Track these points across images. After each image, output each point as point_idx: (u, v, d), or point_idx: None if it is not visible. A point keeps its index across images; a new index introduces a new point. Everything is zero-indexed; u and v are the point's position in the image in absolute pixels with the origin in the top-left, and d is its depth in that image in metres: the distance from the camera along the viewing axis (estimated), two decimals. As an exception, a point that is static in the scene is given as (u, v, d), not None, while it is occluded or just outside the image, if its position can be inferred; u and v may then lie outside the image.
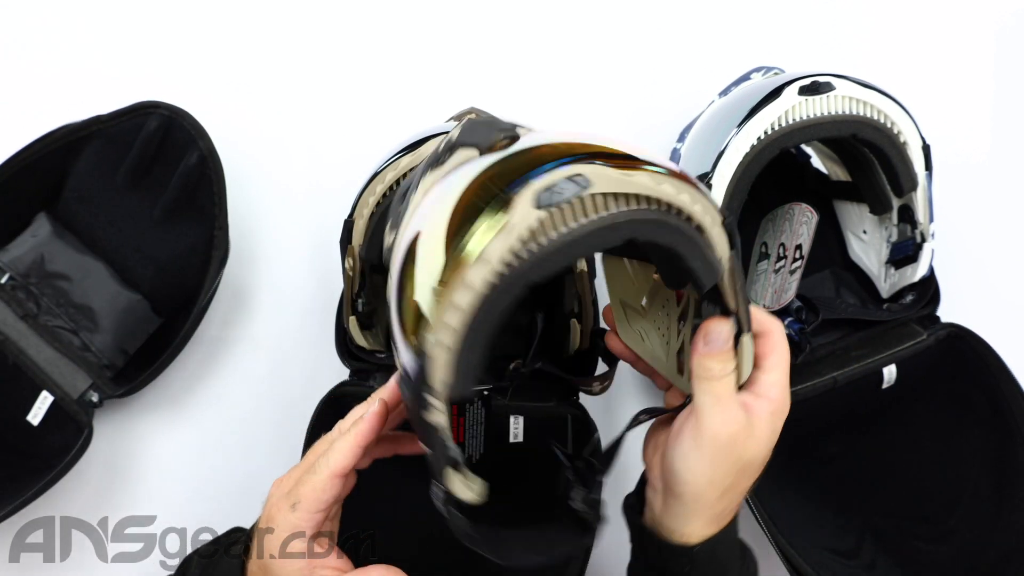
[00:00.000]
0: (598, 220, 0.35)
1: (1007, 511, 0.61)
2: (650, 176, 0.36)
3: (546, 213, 0.34)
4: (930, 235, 0.65)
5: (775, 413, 0.44)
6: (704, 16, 0.85)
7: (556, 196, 0.34)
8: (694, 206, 0.37)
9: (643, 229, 0.36)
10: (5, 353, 0.67)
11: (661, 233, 0.37)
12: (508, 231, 0.34)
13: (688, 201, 0.37)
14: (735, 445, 0.43)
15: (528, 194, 0.34)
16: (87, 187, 0.70)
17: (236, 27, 0.82)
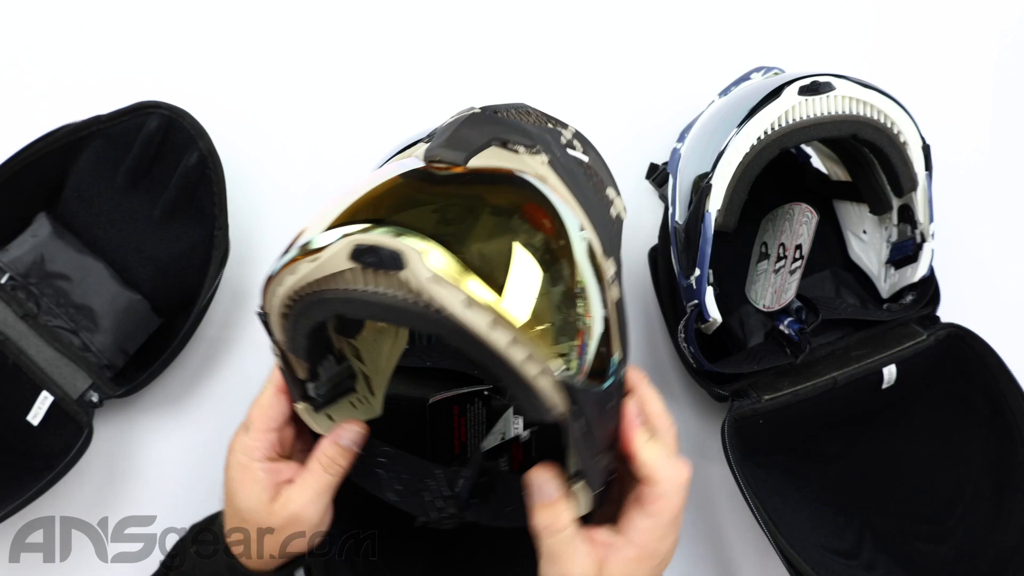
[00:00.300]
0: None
1: (1007, 511, 0.61)
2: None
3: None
4: (930, 235, 0.65)
5: (641, 560, 0.42)
6: (704, 16, 0.85)
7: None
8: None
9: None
10: (5, 353, 0.67)
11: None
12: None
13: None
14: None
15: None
16: (87, 187, 0.70)
17: (236, 27, 0.82)
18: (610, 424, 0.43)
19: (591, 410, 0.39)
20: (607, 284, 0.41)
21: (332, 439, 0.48)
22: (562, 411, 0.38)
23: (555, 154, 0.42)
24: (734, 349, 0.70)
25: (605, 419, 0.42)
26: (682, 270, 0.64)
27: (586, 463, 0.42)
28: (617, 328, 0.41)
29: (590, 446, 0.41)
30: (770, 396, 0.63)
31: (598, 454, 0.42)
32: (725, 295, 0.68)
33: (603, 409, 0.41)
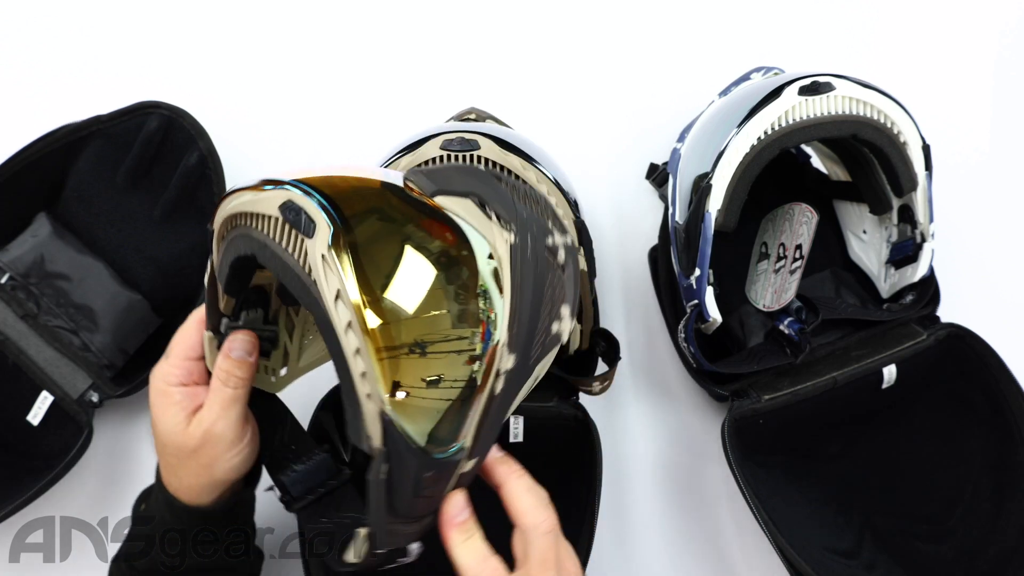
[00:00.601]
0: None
1: (1007, 511, 0.61)
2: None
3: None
4: (930, 235, 0.65)
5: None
6: (704, 16, 0.85)
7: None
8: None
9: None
10: (5, 353, 0.67)
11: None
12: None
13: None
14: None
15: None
16: (87, 187, 0.70)
17: (236, 27, 0.82)
18: (431, 499, 0.43)
19: (404, 464, 0.39)
20: (500, 350, 0.40)
21: (224, 353, 0.50)
22: (375, 445, 0.39)
23: (527, 243, 0.42)
24: (734, 349, 0.70)
25: (425, 488, 0.41)
26: (682, 270, 0.64)
27: (375, 517, 0.41)
28: (478, 418, 0.41)
29: (387, 501, 0.40)
30: (770, 396, 0.63)
31: (398, 517, 0.42)
32: (725, 295, 0.68)
33: (421, 475, 0.40)
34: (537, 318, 0.42)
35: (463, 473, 0.43)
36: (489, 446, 0.44)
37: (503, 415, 0.43)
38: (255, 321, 0.53)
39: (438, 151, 0.59)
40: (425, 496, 0.42)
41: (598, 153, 0.81)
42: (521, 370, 0.42)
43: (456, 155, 0.59)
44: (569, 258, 0.45)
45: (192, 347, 0.52)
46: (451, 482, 0.43)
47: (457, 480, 0.43)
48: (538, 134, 0.69)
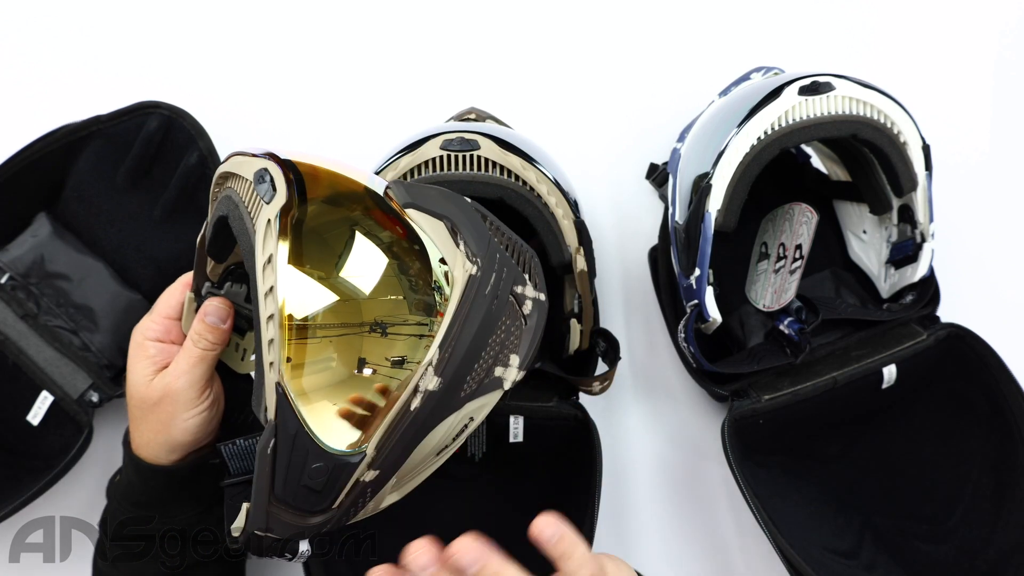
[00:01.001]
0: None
1: (1007, 511, 0.61)
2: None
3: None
4: (930, 235, 0.65)
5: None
6: (704, 16, 0.85)
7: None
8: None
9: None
10: (5, 353, 0.67)
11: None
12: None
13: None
14: None
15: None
16: (87, 187, 0.70)
17: (236, 27, 0.82)
18: (323, 497, 0.43)
19: (293, 444, 0.41)
20: (425, 367, 0.41)
21: (199, 316, 0.52)
22: (269, 417, 0.41)
23: (489, 280, 0.43)
24: (734, 349, 0.70)
25: (313, 479, 0.42)
26: (682, 270, 0.64)
27: (256, 492, 0.43)
28: (384, 428, 0.41)
29: (269, 477, 0.42)
30: (770, 396, 0.63)
31: (279, 501, 0.43)
32: (725, 295, 0.68)
33: (308, 463, 0.42)
34: (476, 354, 0.42)
35: (364, 482, 0.42)
36: (394, 466, 0.43)
37: (415, 438, 0.42)
38: (237, 296, 0.55)
39: (438, 151, 0.59)
40: (313, 489, 0.42)
41: (598, 153, 0.81)
42: (445, 397, 0.42)
43: (456, 155, 0.59)
44: (535, 312, 0.45)
45: (174, 307, 0.54)
46: (347, 489, 0.42)
47: (358, 491, 0.43)
48: (538, 134, 0.69)
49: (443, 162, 0.59)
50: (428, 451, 0.44)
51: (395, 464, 0.43)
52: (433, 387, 0.41)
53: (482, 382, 0.43)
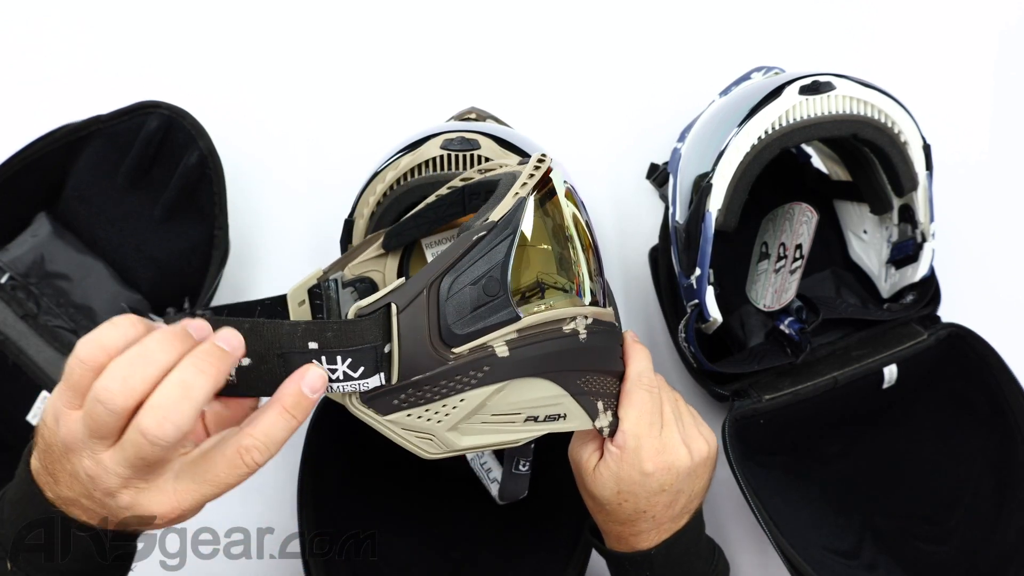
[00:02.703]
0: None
1: (1007, 511, 0.61)
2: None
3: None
4: (931, 235, 0.65)
5: (622, 460, 0.48)
6: (704, 16, 0.85)
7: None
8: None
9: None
10: (5, 353, 0.67)
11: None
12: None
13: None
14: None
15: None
16: (87, 187, 0.70)
17: (236, 27, 0.82)
18: (470, 303, 0.43)
19: (498, 240, 0.43)
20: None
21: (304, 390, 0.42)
22: (492, 219, 0.43)
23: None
24: (734, 349, 0.70)
25: (480, 282, 0.43)
26: (683, 270, 0.64)
27: (433, 266, 0.43)
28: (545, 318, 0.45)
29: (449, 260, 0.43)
30: (771, 396, 0.63)
31: (444, 273, 0.43)
32: (725, 295, 0.68)
33: (501, 266, 0.43)
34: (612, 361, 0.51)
35: (491, 352, 0.42)
36: (514, 368, 0.44)
37: (546, 358, 0.44)
38: (347, 303, 0.55)
39: (438, 151, 0.59)
40: (479, 300, 0.42)
41: (598, 153, 0.80)
42: (581, 356, 0.46)
43: (456, 154, 0.59)
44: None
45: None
46: (481, 340, 0.42)
47: (481, 356, 0.42)
48: (538, 134, 0.69)
49: (443, 161, 0.59)
50: (524, 401, 0.44)
51: (516, 365, 0.43)
52: (583, 337, 0.45)
53: (608, 399, 0.48)
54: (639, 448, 0.47)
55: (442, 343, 0.41)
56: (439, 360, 0.41)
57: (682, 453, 0.49)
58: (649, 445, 0.47)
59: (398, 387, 0.41)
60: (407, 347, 0.40)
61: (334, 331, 0.38)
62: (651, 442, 0.48)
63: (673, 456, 0.48)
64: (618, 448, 0.48)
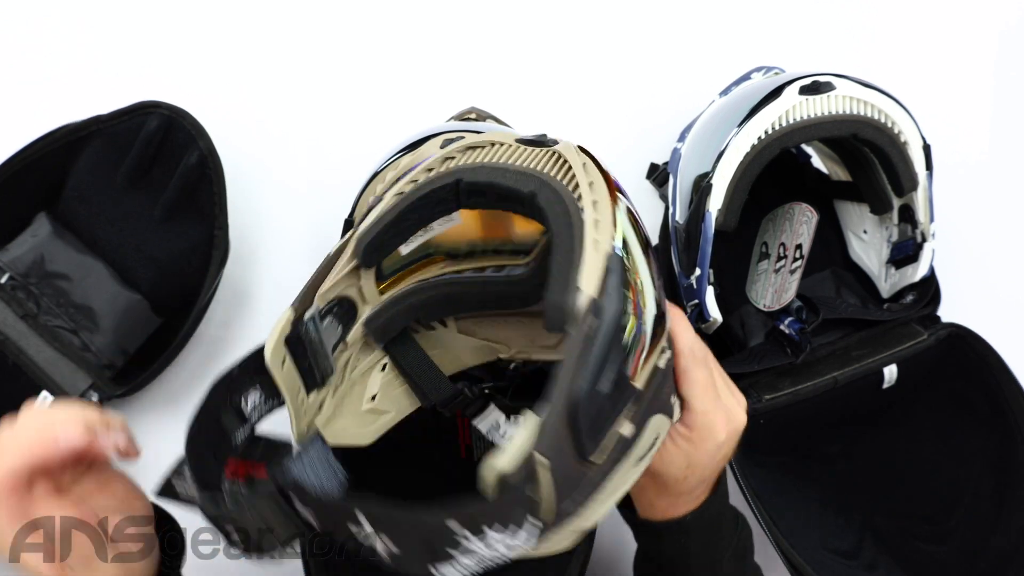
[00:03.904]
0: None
1: (1007, 511, 0.61)
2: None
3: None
4: (931, 235, 0.65)
5: (694, 439, 0.48)
6: (704, 16, 0.85)
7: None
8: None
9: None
10: (5, 353, 0.67)
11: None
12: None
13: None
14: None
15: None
16: (87, 187, 0.70)
17: (236, 27, 0.82)
18: (600, 410, 0.36)
19: (608, 327, 0.36)
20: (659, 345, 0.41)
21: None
22: (588, 293, 0.35)
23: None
24: (735, 349, 0.70)
25: (603, 382, 0.36)
26: (683, 270, 0.64)
27: (558, 396, 0.34)
28: (649, 375, 0.40)
29: (576, 370, 0.34)
30: (771, 396, 0.63)
31: (580, 431, 0.35)
32: (725, 295, 0.68)
33: (607, 363, 0.36)
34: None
35: (622, 436, 0.37)
36: (641, 421, 0.40)
37: (655, 402, 0.42)
38: (329, 336, 0.47)
39: (438, 151, 0.59)
40: (601, 413, 0.35)
41: (598, 153, 0.80)
42: (665, 378, 0.43)
43: (456, 154, 0.58)
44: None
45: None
46: (609, 433, 0.37)
47: (617, 447, 0.38)
48: (538, 134, 0.68)
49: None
50: (636, 452, 0.41)
51: (642, 420, 0.39)
52: (663, 364, 0.41)
53: (668, 401, 0.45)
54: (712, 425, 0.47)
55: (583, 460, 0.35)
56: (582, 473, 0.36)
57: (739, 414, 0.49)
58: (717, 418, 0.47)
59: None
60: (557, 486, 0.33)
61: (486, 516, 0.31)
62: (718, 414, 0.48)
63: (737, 420, 0.49)
64: (688, 428, 0.47)
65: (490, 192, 0.42)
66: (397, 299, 0.49)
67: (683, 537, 0.50)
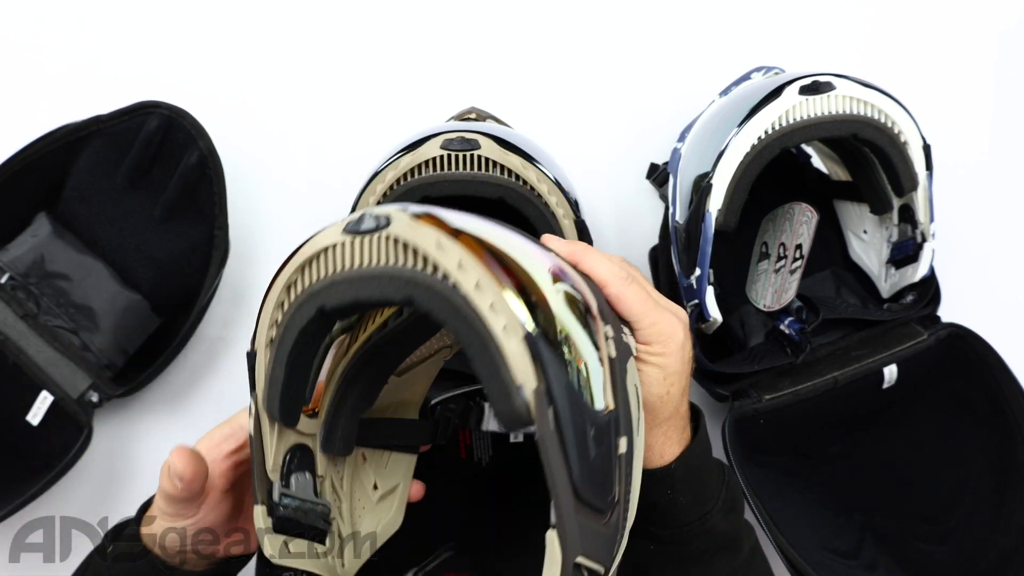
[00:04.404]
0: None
1: (1007, 511, 0.61)
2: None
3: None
4: (931, 235, 0.65)
5: (655, 350, 0.47)
6: (704, 16, 0.85)
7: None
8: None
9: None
10: (5, 353, 0.67)
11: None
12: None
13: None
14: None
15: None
16: (87, 187, 0.70)
17: (236, 27, 0.82)
18: (599, 466, 0.36)
19: (571, 405, 0.34)
20: (600, 334, 0.39)
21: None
22: (531, 387, 0.33)
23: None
24: (734, 349, 0.70)
25: (590, 449, 0.35)
26: (683, 270, 0.64)
27: (562, 498, 0.33)
28: (609, 380, 0.38)
29: (565, 465, 0.33)
30: (771, 396, 0.63)
31: (583, 499, 0.34)
32: (725, 295, 0.68)
33: (586, 428, 0.35)
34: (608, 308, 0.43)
35: (621, 456, 0.37)
36: (629, 429, 0.39)
37: (626, 389, 0.40)
38: (305, 488, 0.47)
39: (438, 151, 0.59)
40: (601, 469, 0.35)
41: (598, 153, 0.80)
42: (619, 343, 0.41)
43: (457, 154, 0.59)
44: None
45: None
46: (614, 463, 0.37)
47: (622, 471, 0.37)
48: (538, 134, 0.69)
49: (443, 161, 0.59)
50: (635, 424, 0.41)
51: (628, 428, 0.38)
52: (611, 333, 0.40)
53: (621, 344, 0.42)
54: (665, 328, 0.47)
55: (607, 512, 0.36)
56: (610, 518, 0.36)
57: (681, 311, 0.49)
58: (667, 319, 0.47)
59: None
60: (600, 554, 0.34)
61: None
62: (665, 316, 0.47)
63: (683, 316, 0.49)
64: (648, 342, 0.46)
65: (358, 306, 0.40)
66: (336, 409, 0.47)
67: (669, 487, 0.49)
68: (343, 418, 0.47)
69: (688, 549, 0.50)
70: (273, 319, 0.41)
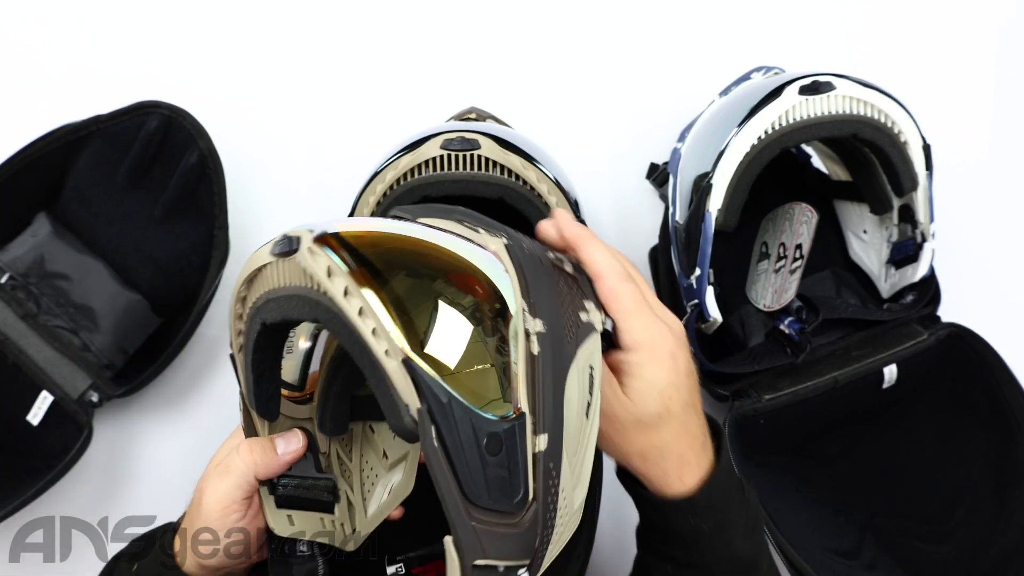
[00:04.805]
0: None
1: (1007, 511, 0.61)
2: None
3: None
4: (931, 235, 0.65)
5: (645, 359, 0.45)
6: (704, 16, 0.85)
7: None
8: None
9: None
10: (5, 353, 0.67)
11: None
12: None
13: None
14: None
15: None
16: (87, 187, 0.70)
17: (236, 27, 0.82)
18: (510, 484, 0.37)
19: (453, 421, 0.35)
20: (519, 335, 0.39)
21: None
22: (415, 407, 0.35)
23: (522, 244, 0.42)
24: (735, 349, 0.70)
25: (493, 463, 0.36)
26: (683, 270, 0.64)
27: (450, 507, 0.35)
28: (525, 380, 0.38)
29: (453, 476, 0.35)
30: (771, 396, 0.63)
31: (475, 504, 0.35)
32: (725, 295, 0.68)
33: (480, 440, 0.36)
34: (554, 294, 0.41)
35: (541, 453, 0.38)
36: (556, 425, 0.39)
37: (556, 383, 0.39)
38: (305, 467, 0.50)
39: (439, 150, 0.59)
40: (499, 475, 0.36)
41: (598, 153, 0.81)
42: (555, 338, 0.40)
43: (457, 154, 0.59)
44: (579, 273, 0.45)
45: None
46: (527, 463, 0.37)
47: (542, 469, 0.38)
48: (538, 134, 0.69)
49: (444, 161, 0.59)
50: (576, 412, 0.41)
51: (555, 422, 0.39)
52: (540, 328, 0.39)
53: (577, 327, 0.42)
54: (656, 335, 0.45)
55: (516, 515, 0.37)
56: (525, 519, 0.37)
57: (675, 320, 0.47)
58: (658, 326, 0.45)
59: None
60: (511, 555, 0.37)
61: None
62: (657, 323, 0.45)
63: (677, 325, 0.47)
64: (636, 349, 0.44)
65: (290, 322, 0.43)
66: (326, 392, 0.49)
67: (691, 515, 0.47)
68: (332, 400, 0.49)
69: (708, 572, 0.48)
70: (237, 328, 0.45)
